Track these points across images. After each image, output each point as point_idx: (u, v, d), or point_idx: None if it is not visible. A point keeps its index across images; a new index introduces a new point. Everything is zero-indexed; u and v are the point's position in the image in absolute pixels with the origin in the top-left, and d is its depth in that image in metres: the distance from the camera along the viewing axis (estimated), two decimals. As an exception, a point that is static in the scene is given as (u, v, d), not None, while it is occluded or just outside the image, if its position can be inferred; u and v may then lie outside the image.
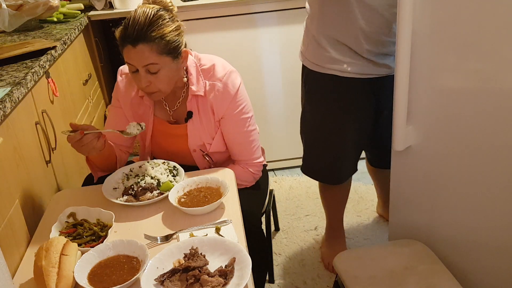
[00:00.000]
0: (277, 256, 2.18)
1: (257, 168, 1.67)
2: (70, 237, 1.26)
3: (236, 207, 1.38)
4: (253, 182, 1.68)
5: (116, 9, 2.54)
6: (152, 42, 1.42)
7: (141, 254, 1.16)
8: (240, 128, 1.61)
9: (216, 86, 1.56)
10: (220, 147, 1.65)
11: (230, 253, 1.15)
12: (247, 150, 1.65)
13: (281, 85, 2.69)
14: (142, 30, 1.41)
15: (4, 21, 2.08)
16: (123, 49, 1.45)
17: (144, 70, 1.45)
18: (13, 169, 1.34)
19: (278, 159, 2.86)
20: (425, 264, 1.47)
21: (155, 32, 1.42)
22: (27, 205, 1.39)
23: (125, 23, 1.44)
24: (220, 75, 1.57)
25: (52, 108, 1.75)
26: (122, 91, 1.64)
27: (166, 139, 1.67)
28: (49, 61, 1.75)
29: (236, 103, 1.58)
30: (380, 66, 1.73)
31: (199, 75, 1.58)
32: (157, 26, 1.43)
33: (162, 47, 1.43)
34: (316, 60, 1.78)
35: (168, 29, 1.44)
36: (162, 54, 1.44)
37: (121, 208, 1.40)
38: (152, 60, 1.43)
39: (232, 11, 2.50)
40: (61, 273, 1.09)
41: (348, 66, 1.73)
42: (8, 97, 1.33)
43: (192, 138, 1.62)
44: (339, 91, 1.79)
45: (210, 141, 1.63)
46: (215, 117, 1.60)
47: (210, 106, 1.58)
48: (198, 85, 1.57)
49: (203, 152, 1.64)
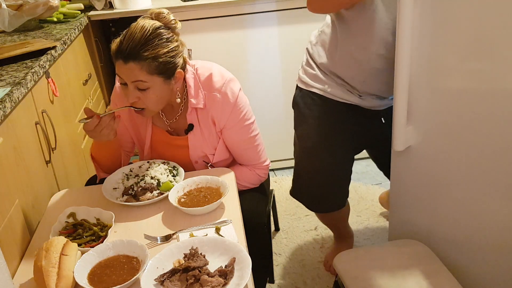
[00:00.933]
0: (277, 256, 2.18)
1: (265, 171, 1.67)
2: (70, 237, 1.26)
3: (236, 207, 1.38)
4: (258, 184, 1.68)
5: (116, 9, 2.54)
6: (143, 61, 1.37)
7: (141, 254, 1.16)
8: (244, 135, 1.59)
9: (215, 97, 1.52)
10: (223, 156, 1.63)
11: (230, 253, 1.15)
12: (254, 155, 1.63)
13: (280, 85, 2.69)
14: (135, 48, 1.36)
15: (4, 21, 2.08)
16: (115, 62, 1.41)
17: (133, 86, 1.41)
18: (13, 169, 1.34)
19: (278, 159, 2.86)
20: (425, 264, 1.47)
21: (148, 52, 1.37)
22: (27, 205, 1.39)
23: (122, 36, 1.40)
24: (218, 85, 1.53)
25: (52, 108, 1.75)
26: (120, 96, 1.61)
27: (167, 149, 1.64)
28: (49, 61, 1.75)
29: (237, 111, 1.55)
30: (364, 100, 1.72)
31: (198, 88, 1.53)
32: (152, 46, 1.37)
33: (154, 67, 1.38)
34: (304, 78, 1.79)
35: (163, 50, 1.39)
36: (153, 74, 1.39)
37: (121, 208, 1.40)
38: (141, 78, 1.39)
39: (232, 11, 2.50)
40: (61, 273, 1.09)
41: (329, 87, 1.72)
42: (8, 97, 1.33)
43: (194, 150, 1.60)
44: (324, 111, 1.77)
45: (213, 152, 1.60)
46: (216, 128, 1.57)
47: (211, 118, 1.55)
48: (197, 98, 1.53)
49: (206, 164, 1.62)
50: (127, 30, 1.40)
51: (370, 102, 1.71)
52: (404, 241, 1.60)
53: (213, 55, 2.49)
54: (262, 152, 1.66)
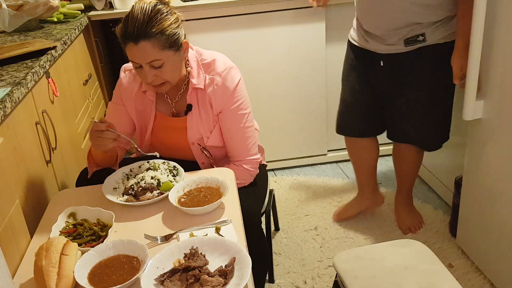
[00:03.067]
0: (277, 256, 2.18)
1: (253, 165, 1.67)
2: (70, 237, 1.27)
3: (236, 207, 1.38)
4: (251, 180, 1.69)
5: (116, 9, 2.54)
6: (153, 38, 1.43)
7: (141, 254, 1.16)
8: (237, 124, 1.62)
9: (215, 80, 1.58)
10: (218, 142, 1.66)
11: (230, 253, 1.15)
12: (243, 146, 1.65)
13: (281, 85, 2.69)
14: (142, 27, 1.42)
15: (4, 21, 2.09)
16: (125, 46, 1.46)
17: (148, 66, 1.47)
18: (13, 169, 1.34)
19: (278, 159, 2.86)
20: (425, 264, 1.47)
21: (155, 27, 1.43)
22: (27, 205, 1.39)
23: (124, 21, 1.45)
24: (220, 69, 1.59)
25: (52, 108, 1.75)
26: (125, 86, 1.66)
27: (166, 133, 1.68)
28: (49, 61, 1.75)
29: (234, 99, 1.59)
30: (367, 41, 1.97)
31: (200, 69, 1.60)
32: (156, 22, 1.44)
33: (163, 41, 1.45)
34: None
35: (167, 23, 1.45)
36: (164, 48, 1.46)
37: (121, 208, 1.40)
38: (155, 57, 1.45)
39: (233, 11, 2.50)
40: (61, 273, 1.09)
41: (353, 31, 2.07)
42: (8, 97, 1.33)
43: (191, 131, 1.64)
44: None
45: (208, 135, 1.64)
46: (213, 111, 1.61)
47: (208, 100, 1.60)
48: (198, 78, 1.59)
49: (200, 146, 1.65)
50: (128, 15, 1.45)
51: (373, 44, 1.94)
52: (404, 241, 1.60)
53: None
54: (252, 146, 1.67)
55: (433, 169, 2.54)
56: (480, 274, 1.96)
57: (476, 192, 1.90)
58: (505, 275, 1.79)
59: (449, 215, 2.29)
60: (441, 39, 1.83)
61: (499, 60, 1.64)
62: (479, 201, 1.89)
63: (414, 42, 1.84)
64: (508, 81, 1.61)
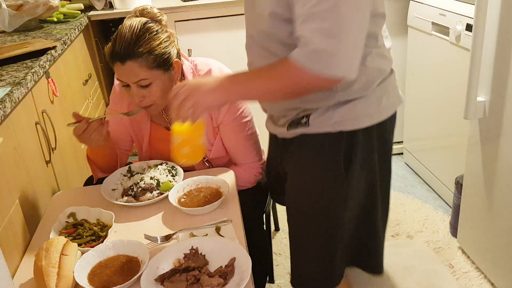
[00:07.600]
0: (277, 256, 2.18)
1: (259, 170, 1.67)
2: (70, 237, 1.26)
3: (236, 207, 1.38)
4: (254, 184, 1.68)
5: (116, 9, 2.55)
6: (140, 58, 1.38)
7: (141, 254, 1.16)
8: (240, 133, 1.59)
9: None
10: (220, 152, 1.63)
11: (230, 253, 1.15)
12: (249, 153, 1.63)
13: (281, 85, 2.68)
14: (129, 46, 1.37)
15: (4, 21, 2.09)
16: (113, 66, 1.42)
17: (136, 86, 1.42)
18: (13, 169, 1.34)
19: (278, 159, 2.85)
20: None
21: (142, 47, 1.38)
22: (27, 205, 1.39)
23: (113, 39, 1.41)
24: None
25: (52, 108, 1.75)
26: (118, 95, 1.62)
27: (164, 145, 1.63)
28: (49, 61, 1.75)
29: (235, 107, 1.55)
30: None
31: None
32: (144, 41, 1.38)
33: (151, 61, 1.39)
34: None
35: (156, 43, 1.40)
36: (152, 68, 1.40)
37: (121, 208, 1.40)
38: (142, 76, 1.40)
39: (232, 11, 2.50)
40: (61, 273, 1.09)
41: None
42: (8, 97, 1.33)
43: None
44: None
45: (210, 147, 1.61)
46: (213, 122, 1.58)
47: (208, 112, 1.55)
48: None
49: (203, 159, 1.63)
50: (116, 33, 1.41)
51: (269, 127, 1.42)
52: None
53: (213, 55, 2.47)
54: (258, 151, 1.66)
55: (433, 169, 2.54)
56: (480, 274, 1.96)
57: (477, 192, 1.90)
58: (505, 275, 1.79)
59: (449, 215, 2.29)
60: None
61: (499, 60, 1.65)
62: (480, 201, 1.89)
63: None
64: (508, 81, 1.62)
